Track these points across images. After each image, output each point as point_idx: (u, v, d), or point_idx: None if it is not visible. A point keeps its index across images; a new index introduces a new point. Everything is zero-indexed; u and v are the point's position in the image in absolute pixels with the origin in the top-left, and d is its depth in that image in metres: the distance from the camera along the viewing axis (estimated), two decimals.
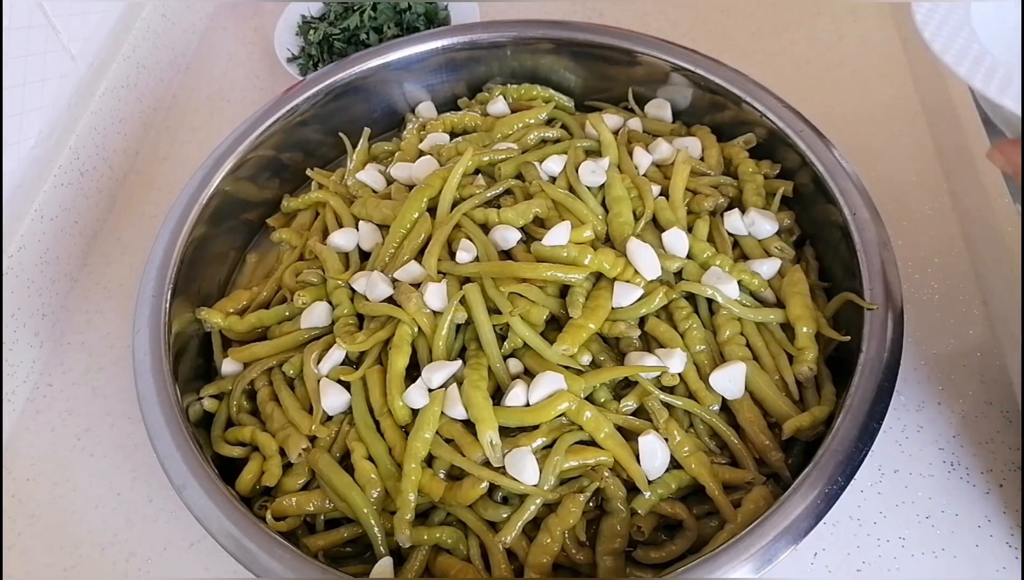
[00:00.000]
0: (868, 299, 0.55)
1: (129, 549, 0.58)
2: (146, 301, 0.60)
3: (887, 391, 0.51)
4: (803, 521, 0.47)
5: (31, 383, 0.67)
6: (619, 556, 0.52)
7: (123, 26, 0.84)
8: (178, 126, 0.87)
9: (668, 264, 0.58)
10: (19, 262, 0.66)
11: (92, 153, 0.76)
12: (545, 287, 0.58)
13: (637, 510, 0.52)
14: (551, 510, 0.52)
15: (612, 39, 0.73)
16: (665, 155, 0.68)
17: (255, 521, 0.50)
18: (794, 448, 0.55)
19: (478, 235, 0.61)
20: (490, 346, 0.56)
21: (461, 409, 0.53)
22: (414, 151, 0.72)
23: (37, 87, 0.70)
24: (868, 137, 0.77)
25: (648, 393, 0.55)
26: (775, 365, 0.57)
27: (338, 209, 0.69)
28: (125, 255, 0.76)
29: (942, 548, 0.54)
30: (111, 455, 0.63)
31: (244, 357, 0.62)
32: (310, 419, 0.57)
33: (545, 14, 0.79)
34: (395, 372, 0.55)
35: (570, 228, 0.59)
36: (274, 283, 0.67)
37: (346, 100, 0.76)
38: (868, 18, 0.88)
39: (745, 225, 0.63)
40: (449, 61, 0.77)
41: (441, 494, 0.52)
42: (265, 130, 0.71)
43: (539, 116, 0.73)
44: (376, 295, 0.59)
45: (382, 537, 0.52)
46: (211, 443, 0.59)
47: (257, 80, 0.91)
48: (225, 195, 0.68)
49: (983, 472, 0.57)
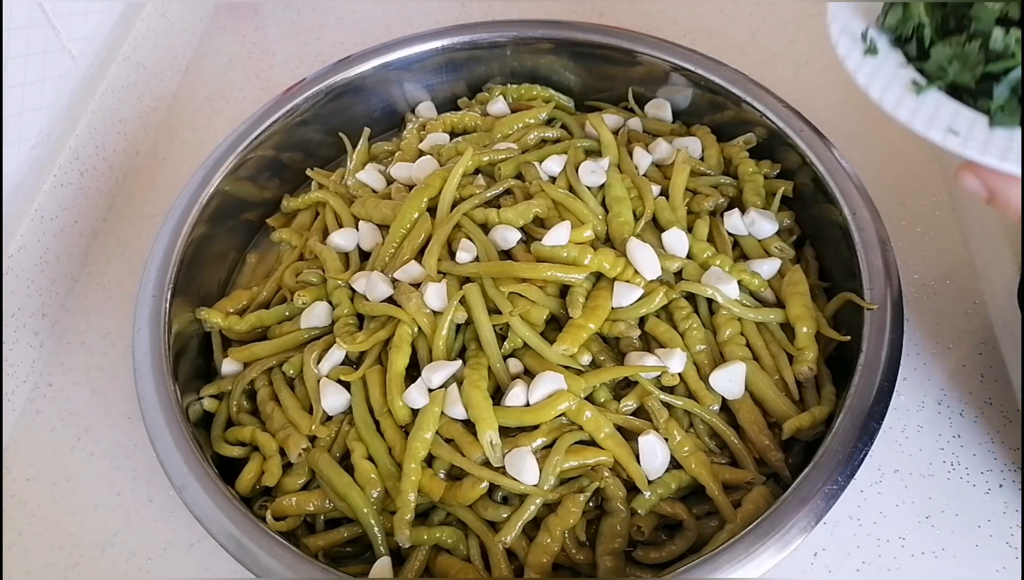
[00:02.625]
0: (868, 299, 0.55)
1: (129, 549, 0.58)
2: (146, 301, 0.60)
3: (887, 391, 0.51)
4: (803, 521, 0.47)
5: (31, 383, 0.67)
6: (619, 556, 0.52)
7: (123, 26, 0.83)
8: (178, 126, 0.87)
9: (668, 264, 0.58)
10: (19, 262, 0.66)
11: (92, 153, 0.76)
12: (545, 287, 0.58)
13: (637, 510, 0.52)
14: (551, 510, 0.52)
15: (612, 39, 0.73)
16: (665, 155, 0.68)
17: (255, 521, 0.50)
18: (794, 448, 0.55)
19: (478, 235, 0.61)
20: (490, 346, 0.56)
21: (461, 409, 0.53)
22: (414, 151, 0.72)
23: (37, 87, 0.70)
24: (868, 137, 0.77)
25: (648, 393, 0.55)
26: (775, 365, 0.57)
27: (338, 209, 0.69)
28: (125, 255, 0.76)
29: (942, 548, 0.54)
30: (111, 455, 0.63)
31: (244, 357, 0.62)
32: (310, 419, 0.57)
33: (545, 14, 0.79)
34: (395, 372, 0.55)
35: (570, 228, 0.59)
36: (274, 283, 0.67)
37: (346, 100, 0.76)
38: None
39: (745, 225, 0.63)
40: (449, 61, 0.77)
41: (441, 494, 0.52)
42: (265, 130, 0.71)
43: (539, 116, 0.73)
44: (376, 295, 0.59)
45: (382, 537, 0.52)
46: (211, 443, 0.59)
47: (257, 80, 0.91)
48: (225, 195, 0.68)
49: (983, 472, 0.57)
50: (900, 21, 0.45)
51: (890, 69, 0.44)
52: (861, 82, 0.44)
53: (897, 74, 0.44)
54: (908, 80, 0.44)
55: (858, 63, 0.44)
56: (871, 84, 0.43)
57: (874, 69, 0.44)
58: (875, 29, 0.46)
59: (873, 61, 0.45)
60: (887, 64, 0.44)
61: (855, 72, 0.44)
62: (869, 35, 0.46)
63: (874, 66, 0.44)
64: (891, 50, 0.45)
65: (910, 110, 0.42)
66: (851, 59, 0.45)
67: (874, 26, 0.46)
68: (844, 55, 0.45)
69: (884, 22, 0.46)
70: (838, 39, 0.46)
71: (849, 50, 0.45)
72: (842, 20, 0.47)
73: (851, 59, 0.45)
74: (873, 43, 0.45)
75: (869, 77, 0.44)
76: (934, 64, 0.44)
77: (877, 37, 0.46)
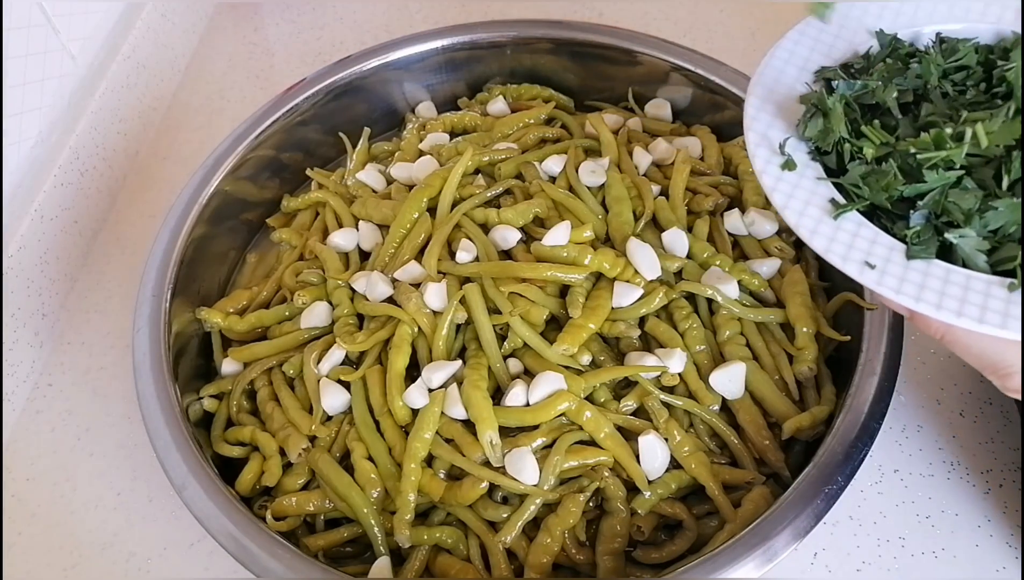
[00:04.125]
0: (868, 299, 0.55)
1: (129, 549, 0.58)
2: (146, 301, 0.60)
3: (887, 391, 0.51)
4: (803, 521, 0.47)
5: (31, 383, 0.67)
6: (619, 556, 0.52)
7: (123, 26, 0.84)
8: (178, 126, 0.87)
9: (668, 264, 0.58)
10: (19, 262, 0.66)
11: (92, 153, 0.76)
12: (545, 287, 0.58)
13: (637, 510, 0.52)
14: (551, 510, 0.52)
15: (612, 39, 0.73)
16: (665, 155, 0.68)
17: (255, 521, 0.50)
18: (794, 448, 0.55)
19: (478, 235, 0.61)
20: (490, 346, 0.56)
21: (461, 409, 0.53)
22: (414, 151, 0.72)
23: (37, 87, 0.70)
24: None
25: (648, 393, 0.55)
26: (775, 365, 0.57)
27: (338, 209, 0.69)
28: (125, 255, 0.76)
29: (942, 548, 0.54)
30: (111, 455, 0.63)
31: (244, 357, 0.62)
32: (310, 419, 0.57)
33: (545, 14, 0.79)
34: (395, 372, 0.55)
35: (570, 228, 0.59)
36: (274, 283, 0.67)
37: (346, 100, 0.76)
38: None
39: (745, 225, 0.63)
40: (449, 61, 0.77)
41: (441, 494, 0.52)
42: (265, 130, 0.71)
43: (539, 116, 0.73)
44: (376, 295, 0.59)
45: (382, 537, 0.52)
46: (211, 443, 0.59)
47: (257, 80, 0.91)
48: (225, 195, 0.68)
49: (983, 472, 0.57)
50: (820, 134, 0.44)
51: (808, 186, 0.43)
52: (777, 202, 0.42)
53: (815, 192, 0.43)
54: (826, 200, 0.42)
55: (775, 180, 0.43)
56: (787, 206, 0.42)
57: (791, 187, 0.43)
58: (795, 137, 0.45)
59: (791, 177, 0.43)
60: (804, 179, 0.43)
61: (771, 191, 0.43)
62: (787, 147, 0.44)
63: (791, 183, 0.43)
64: (809, 162, 0.44)
65: (826, 239, 0.41)
66: (767, 175, 0.44)
67: (794, 133, 0.45)
68: (761, 169, 0.44)
69: (804, 131, 0.45)
70: (755, 150, 0.45)
71: (766, 164, 0.44)
72: (761, 126, 0.46)
73: (767, 175, 0.44)
74: (791, 158, 0.44)
75: (785, 197, 0.42)
76: (850, 181, 0.43)
77: (796, 146, 0.45)
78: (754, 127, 0.46)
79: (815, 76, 0.48)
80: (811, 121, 0.45)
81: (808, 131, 0.45)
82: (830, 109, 0.44)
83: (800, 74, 0.48)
